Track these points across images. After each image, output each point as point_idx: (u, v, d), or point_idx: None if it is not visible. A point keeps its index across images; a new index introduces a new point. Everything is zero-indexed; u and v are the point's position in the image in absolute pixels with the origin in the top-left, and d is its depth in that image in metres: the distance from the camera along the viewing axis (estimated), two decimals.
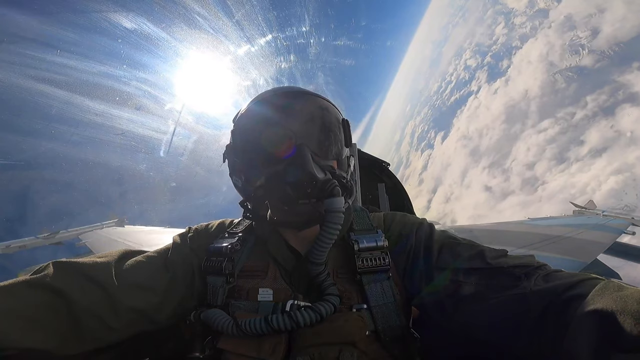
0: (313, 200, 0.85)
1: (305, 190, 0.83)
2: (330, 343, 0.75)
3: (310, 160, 0.84)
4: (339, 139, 0.98)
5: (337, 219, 0.83)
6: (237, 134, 0.98)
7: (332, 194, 0.83)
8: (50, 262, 0.80)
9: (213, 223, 1.12)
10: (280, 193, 0.86)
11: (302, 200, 0.85)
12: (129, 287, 0.83)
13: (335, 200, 0.83)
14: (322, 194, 0.83)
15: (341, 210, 0.83)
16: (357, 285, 0.88)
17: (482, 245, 0.89)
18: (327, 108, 0.97)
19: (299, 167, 0.83)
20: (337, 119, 0.99)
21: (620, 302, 0.53)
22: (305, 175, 0.82)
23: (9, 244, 3.64)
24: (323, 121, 0.95)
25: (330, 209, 0.82)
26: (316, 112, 0.95)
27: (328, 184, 0.84)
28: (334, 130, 0.97)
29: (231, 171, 1.02)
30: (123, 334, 0.84)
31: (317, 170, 0.85)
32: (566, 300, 0.64)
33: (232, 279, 0.91)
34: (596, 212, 4.01)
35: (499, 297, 0.73)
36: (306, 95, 0.96)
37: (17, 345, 0.64)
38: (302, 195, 0.84)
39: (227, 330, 0.78)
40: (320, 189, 0.83)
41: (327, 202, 0.83)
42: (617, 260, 3.03)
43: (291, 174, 0.84)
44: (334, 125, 0.97)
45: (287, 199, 0.86)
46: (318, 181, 0.83)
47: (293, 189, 0.84)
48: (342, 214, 0.84)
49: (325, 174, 0.88)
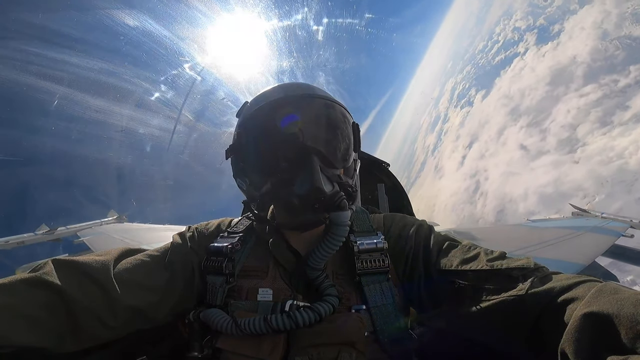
0: (319, 212, 0.85)
1: (313, 205, 0.83)
2: (329, 343, 0.75)
3: (319, 172, 0.83)
4: (348, 145, 0.96)
5: (342, 231, 0.83)
6: (243, 135, 0.96)
7: (340, 207, 0.83)
8: (48, 259, 0.80)
9: (213, 222, 1.12)
10: (287, 202, 0.86)
11: (309, 213, 0.85)
12: (128, 286, 0.83)
13: (343, 215, 0.83)
14: (329, 208, 0.83)
15: (347, 223, 0.83)
16: (357, 286, 0.88)
17: (480, 247, 0.89)
18: (339, 112, 0.95)
19: (307, 180, 0.82)
20: (348, 124, 0.97)
21: (616, 305, 0.53)
22: (313, 190, 0.81)
23: (7, 240, 3.63)
24: (334, 127, 0.93)
25: (337, 222, 0.83)
26: (327, 117, 0.93)
27: (336, 197, 0.84)
28: (345, 137, 0.95)
29: (235, 173, 1.02)
30: (121, 332, 0.84)
31: (325, 183, 0.84)
32: (563, 302, 0.64)
33: (232, 278, 0.91)
34: (595, 214, 4.03)
35: (497, 298, 0.74)
36: (317, 99, 0.93)
37: (15, 343, 0.64)
38: (310, 209, 0.84)
39: (226, 329, 0.78)
40: (327, 203, 0.83)
41: (334, 216, 0.83)
42: (615, 263, 3.04)
43: (299, 186, 0.83)
44: (345, 131, 0.95)
45: (293, 208, 0.85)
46: (326, 196, 0.82)
47: (300, 202, 0.84)
48: (348, 227, 0.84)
49: (333, 186, 0.87)
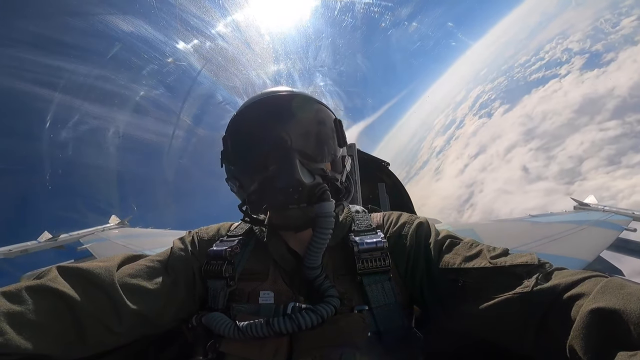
0: (303, 205, 0.86)
1: (292, 196, 0.84)
2: (332, 345, 0.75)
3: (296, 165, 0.84)
4: (330, 140, 0.97)
5: (328, 223, 0.84)
6: (228, 140, 0.98)
7: (322, 198, 0.84)
8: (53, 266, 0.81)
9: (213, 227, 1.12)
10: (271, 198, 0.88)
11: (292, 206, 0.86)
12: (132, 292, 0.83)
13: (325, 205, 0.84)
14: (311, 199, 0.85)
15: (331, 214, 0.84)
16: (358, 286, 0.88)
17: (482, 244, 0.88)
18: (318, 109, 0.96)
19: (285, 173, 0.84)
20: (328, 120, 0.98)
21: (622, 300, 0.53)
22: (292, 181, 0.83)
23: (10, 249, 3.64)
24: (313, 123, 0.95)
25: (320, 213, 0.83)
26: (305, 114, 0.94)
27: (317, 188, 0.85)
28: (325, 132, 0.96)
29: (227, 176, 1.03)
30: (126, 338, 0.84)
31: (305, 176, 0.85)
32: (568, 298, 0.64)
33: (232, 282, 0.91)
34: (597, 207, 4.00)
35: (501, 296, 0.73)
36: (295, 97, 0.94)
37: (20, 350, 0.64)
38: (291, 201, 0.85)
39: (229, 333, 0.78)
40: (308, 194, 0.85)
41: (317, 207, 0.84)
42: (619, 257, 3.01)
43: (279, 180, 0.85)
44: (324, 126, 0.96)
45: (277, 204, 0.87)
46: (305, 187, 0.84)
47: (282, 195, 0.85)
48: (333, 218, 0.84)
49: (314, 178, 0.88)
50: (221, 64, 47.38)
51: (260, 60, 49.62)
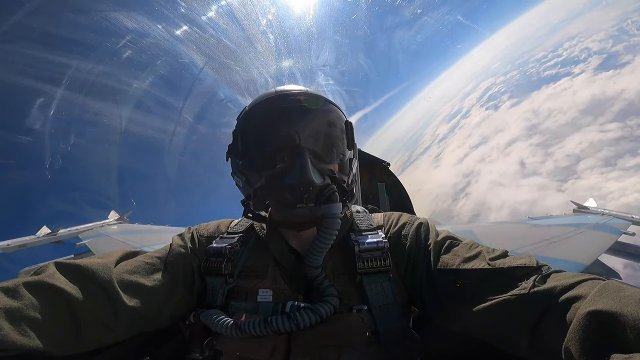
0: (311, 205, 0.85)
1: (302, 195, 0.84)
2: (331, 345, 0.75)
3: (308, 165, 0.84)
4: (341, 141, 0.97)
5: (334, 224, 0.83)
6: (239, 134, 0.97)
7: (330, 199, 0.84)
8: (51, 262, 0.80)
9: (212, 223, 1.12)
10: (279, 196, 0.87)
11: (300, 205, 0.85)
12: (129, 289, 0.83)
13: (333, 206, 0.83)
14: (320, 199, 0.84)
15: (338, 215, 0.84)
16: (358, 286, 0.88)
17: (482, 246, 0.88)
18: (330, 110, 0.96)
19: (297, 172, 0.83)
20: (340, 122, 0.98)
21: (619, 303, 0.53)
22: (303, 180, 0.82)
23: (9, 244, 3.63)
24: (324, 124, 0.94)
25: (328, 214, 0.83)
26: (318, 114, 0.94)
27: (326, 189, 0.85)
28: (336, 133, 0.96)
29: (233, 171, 1.02)
30: (123, 334, 0.84)
31: (316, 175, 0.85)
32: (565, 301, 0.64)
33: (231, 279, 0.91)
34: (596, 211, 4.00)
35: (499, 297, 0.73)
36: (309, 97, 0.94)
37: (18, 346, 0.64)
38: (300, 199, 0.84)
39: (226, 331, 0.78)
40: (317, 194, 0.84)
41: (325, 208, 0.83)
42: (617, 260, 3.02)
43: (289, 178, 0.84)
44: (336, 128, 0.96)
45: (285, 202, 0.86)
46: (315, 187, 0.84)
47: (291, 193, 0.84)
48: (340, 220, 0.84)
49: (324, 179, 0.88)
50: (223, 61, 47.44)
51: (262, 59, 49.68)
